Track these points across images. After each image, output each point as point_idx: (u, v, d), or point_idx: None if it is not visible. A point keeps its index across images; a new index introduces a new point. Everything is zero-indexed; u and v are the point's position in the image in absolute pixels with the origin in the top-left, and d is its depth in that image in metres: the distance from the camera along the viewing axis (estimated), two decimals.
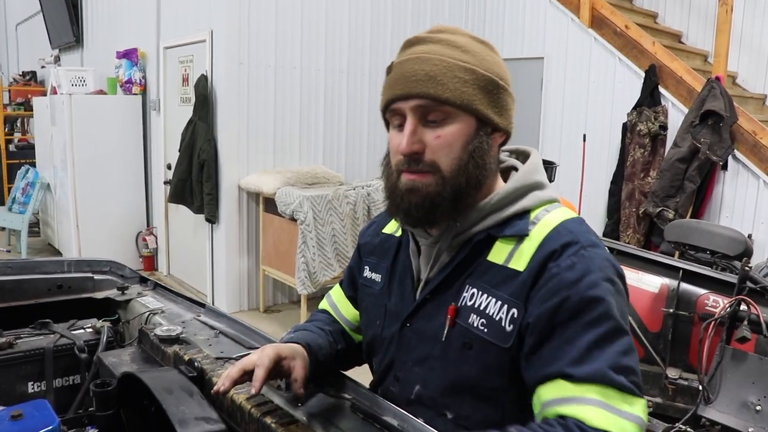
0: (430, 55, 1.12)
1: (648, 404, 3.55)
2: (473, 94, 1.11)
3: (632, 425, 0.95)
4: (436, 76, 1.09)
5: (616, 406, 0.96)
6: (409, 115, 1.12)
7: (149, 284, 2.15)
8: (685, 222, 3.98)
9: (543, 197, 1.18)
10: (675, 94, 5.02)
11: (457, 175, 1.12)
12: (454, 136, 1.11)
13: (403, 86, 1.12)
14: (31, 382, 1.71)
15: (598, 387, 0.97)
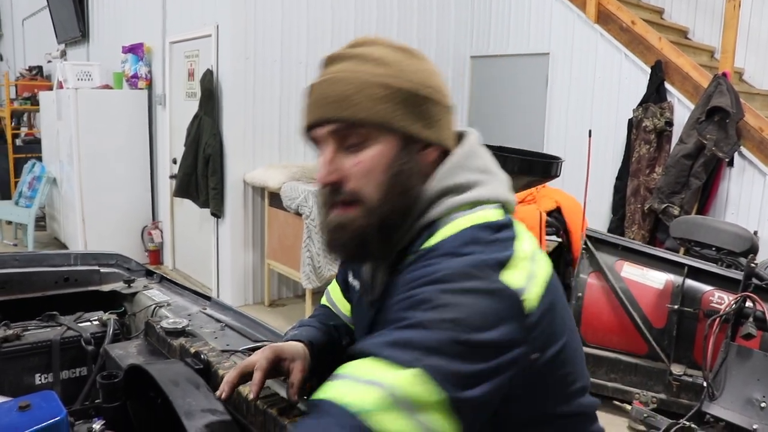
0: (343, 74, 1.03)
1: (652, 400, 3.56)
2: (391, 110, 1.01)
3: (365, 388, 0.80)
4: (348, 97, 1.00)
5: (362, 376, 0.82)
6: (326, 142, 1.04)
7: (155, 277, 2.16)
8: (690, 218, 3.98)
9: (453, 203, 1.04)
10: (681, 90, 5.01)
11: (381, 205, 1.02)
12: (374, 161, 1.02)
13: (317, 110, 1.04)
14: (38, 373, 1.73)
15: (362, 362, 0.84)
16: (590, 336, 3.79)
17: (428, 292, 0.90)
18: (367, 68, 1.02)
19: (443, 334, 0.84)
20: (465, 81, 6.70)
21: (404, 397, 0.78)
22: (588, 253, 3.86)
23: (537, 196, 4.57)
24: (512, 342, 0.90)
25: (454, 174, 1.06)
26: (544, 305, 0.95)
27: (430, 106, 1.05)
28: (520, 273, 0.94)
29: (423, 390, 0.79)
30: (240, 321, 1.67)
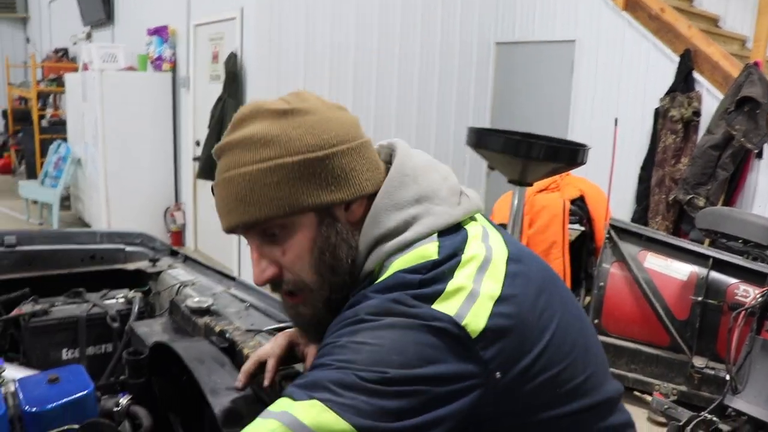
0: (232, 173, 0.97)
1: (673, 392, 3.53)
2: (292, 193, 0.95)
3: (266, 421, 0.81)
4: (244, 198, 0.95)
5: (270, 409, 0.84)
6: (247, 240, 1.01)
7: (180, 257, 2.18)
8: (717, 209, 3.93)
9: (385, 252, 0.98)
10: (710, 80, 4.93)
11: (321, 287, 1.00)
12: (298, 246, 0.99)
13: (224, 220, 1.00)
14: (65, 348, 1.75)
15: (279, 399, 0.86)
16: (611, 326, 3.77)
17: (342, 336, 0.88)
18: (253, 155, 0.96)
19: (351, 372, 0.82)
20: (489, 68, 6.64)
21: (302, 425, 0.79)
22: (611, 242, 3.82)
23: (561, 184, 4.53)
24: (454, 374, 0.86)
25: (381, 219, 0.99)
26: (499, 320, 0.90)
27: (333, 163, 0.97)
28: (455, 300, 0.89)
29: (323, 418, 0.79)
30: (264, 301, 1.67)
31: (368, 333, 0.86)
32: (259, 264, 1.01)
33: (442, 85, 6.32)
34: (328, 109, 1.02)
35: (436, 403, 0.84)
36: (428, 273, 0.91)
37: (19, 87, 10.73)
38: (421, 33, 6.06)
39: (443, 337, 0.86)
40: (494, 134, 2.81)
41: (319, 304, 1.01)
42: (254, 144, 0.96)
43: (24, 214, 7.67)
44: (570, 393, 0.99)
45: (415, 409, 0.83)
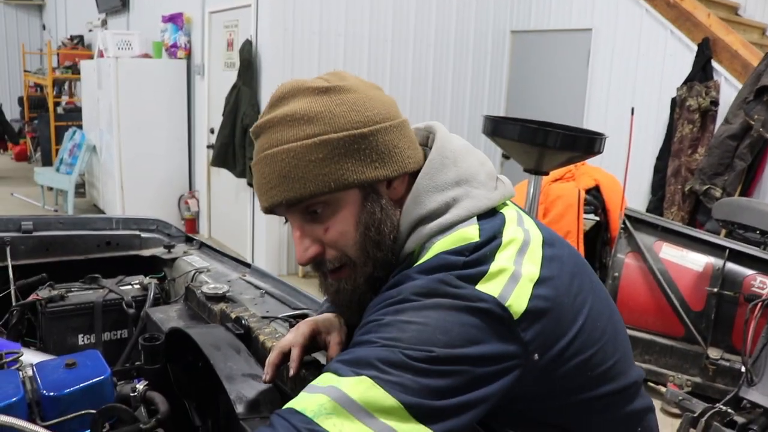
0: (275, 149, 0.96)
1: (687, 383, 3.52)
2: (337, 168, 0.95)
3: (313, 396, 0.82)
4: (288, 174, 0.95)
5: (315, 384, 0.84)
6: (290, 221, 1.02)
7: (195, 243, 2.19)
8: (734, 200, 3.89)
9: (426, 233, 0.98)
10: (729, 69, 4.87)
11: (364, 263, 1.00)
12: (342, 223, 0.99)
13: (265, 196, 0.99)
14: (81, 334, 1.76)
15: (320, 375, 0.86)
16: (626, 316, 3.71)
17: (387, 314, 0.88)
18: (297, 132, 0.96)
19: (398, 350, 0.83)
20: (504, 56, 6.59)
21: (351, 400, 0.79)
22: (626, 232, 3.80)
23: (576, 174, 4.51)
24: (497, 353, 0.87)
25: (423, 200, 1.00)
26: (539, 303, 0.91)
27: (377, 139, 0.98)
28: (498, 282, 0.90)
29: (372, 394, 0.79)
30: (279, 288, 1.68)
31: (414, 312, 0.87)
32: (302, 242, 1.01)
33: (457, 74, 6.29)
34: (367, 87, 1.03)
35: (479, 383, 0.85)
36: (471, 255, 0.92)
37: (34, 74, 10.79)
38: (435, 21, 6.02)
39: (487, 318, 0.87)
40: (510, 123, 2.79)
41: (361, 280, 1.01)
42: (297, 121, 0.96)
43: (39, 201, 7.73)
44: (600, 377, 1.01)
45: (459, 388, 0.83)
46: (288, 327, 1.40)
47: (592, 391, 1.02)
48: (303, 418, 0.78)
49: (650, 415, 1.14)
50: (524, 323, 0.89)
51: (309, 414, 0.78)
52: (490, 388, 0.87)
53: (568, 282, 0.98)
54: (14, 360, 1.26)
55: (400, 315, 0.87)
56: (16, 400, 1.06)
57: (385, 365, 0.81)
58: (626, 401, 1.09)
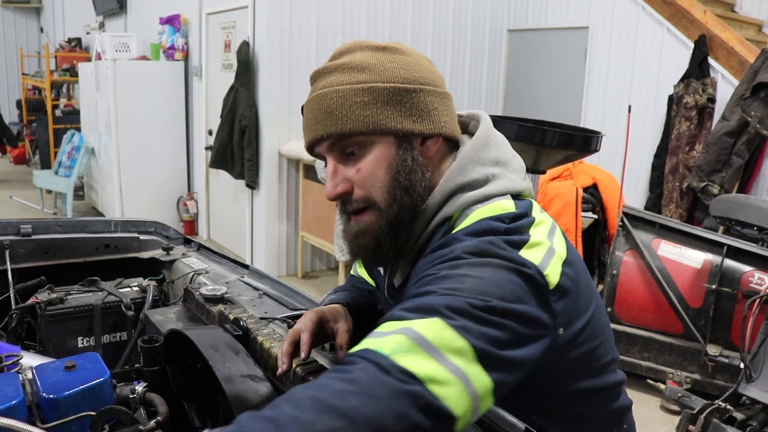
0: (326, 89, 1.05)
1: (686, 380, 3.53)
2: (378, 114, 1.03)
3: (388, 337, 0.83)
4: (334, 111, 1.03)
5: (386, 330, 0.86)
6: (327, 157, 1.08)
7: (193, 245, 2.19)
8: (732, 197, 3.90)
9: (467, 199, 1.05)
10: (725, 66, 4.87)
11: (390, 206, 1.06)
12: (374, 165, 1.05)
13: (310, 130, 1.07)
14: (80, 336, 1.77)
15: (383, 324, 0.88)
16: (624, 314, 3.76)
17: (443, 269, 0.93)
18: (349, 77, 1.04)
19: (461, 298, 0.87)
20: (502, 55, 6.60)
21: (426, 339, 0.82)
22: (624, 230, 3.81)
23: (574, 172, 4.51)
24: (538, 317, 0.92)
25: (467, 170, 1.07)
26: (566, 280, 0.98)
27: (419, 98, 1.06)
28: (538, 252, 0.97)
29: (444, 335, 0.83)
30: (277, 289, 1.68)
31: (469, 268, 0.92)
32: (333, 178, 1.07)
33: (455, 73, 6.30)
34: (421, 57, 1.12)
35: (525, 341, 0.90)
36: (511, 223, 1.00)
37: (32, 77, 10.79)
38: (433, 20, 6.03)
39: (529, 282, 0.93)
40: (507, 122, 2.79)
41: (384, 221, 1.06)
42: (352, 69, 1.05)
43: (38, 204, 7.74)
44: (601, 368, 1.09)
45: (511, 342, 0.88)
46: (287, 328, 1.40)
47: (593, 380, 1.08)
48: (380, 355, 0.80)
49: (630, 412, 1.22)
50: (555, 295, 0.96)
51: (386, 351, 0.81)
52: (531, 350, 0.92)
53: (583, 271, 1.06)
54: (14, 363, 1.26)
55: (456, 269, 0.92)
56: (16, 402, 1.07)
57: (450, 311, 0.85)
58: (616, 397, 1.16)
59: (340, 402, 0.74)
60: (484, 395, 0.84)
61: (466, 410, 0.81)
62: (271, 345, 1.31)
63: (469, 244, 0.96)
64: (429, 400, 0.78)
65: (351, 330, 1.21)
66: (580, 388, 1.07)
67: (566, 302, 0.98)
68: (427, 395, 0.78)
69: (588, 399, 1.10)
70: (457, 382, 0.81)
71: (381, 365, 0.79)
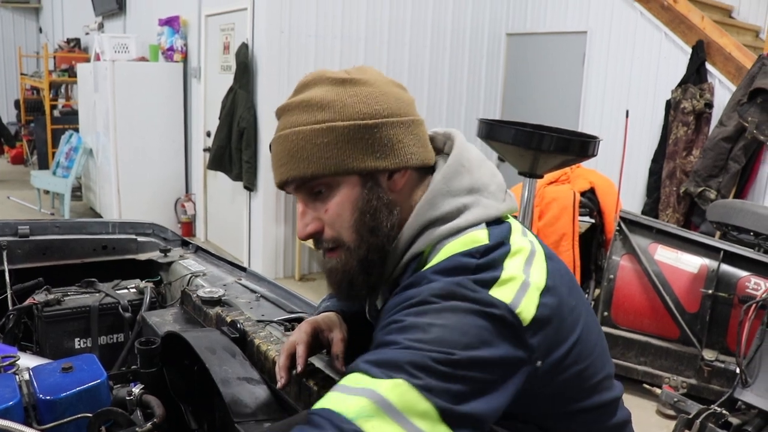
0: (287, 131, 1.05)
1: (682, 384, 3.53)
2: (340, 154, 1.02)
3: (351, 398, 0.83)
4: (295, 154, 1.03)
5: (348, 385, 0.86)
6: (296, 198, 1.09)
7: (191, 247, 2.19)
8: (729, 202, 3.91)
9: (438, 234, 1.03)
10: (723, 71, 4.89)
11: (358, 246, 1.05)
12: (339, 206, 1.04)
13: (275, 173, 1.08)
14: (77, 338, 1.77)
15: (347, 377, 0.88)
16: (621, 319, 3.76)
17: (409, 315, 0.91)
18: (308, 117, 1.03)
19: (424, 354, 0.85)
20: (500, 59, 6.61)
21: (390, 404, 0.81)
22: (621, 234, 3.82)
23: (571, 176, 4.52)
24: (508, 358, 0.90)
25: (437, 203, 1.05)
26: (544, 311, 0.95)
27: (381, 132, 1.03)
28: (510, 288, 0.93)
29: (408, 398, 0.82)
30: (275, 292, 1.68)
31: (434, 315, 0.90)
32: (303, 218, 1.08)
33: (453, 77, 6.30)
34: (385, 84, 1.08)
35: (493, 387, 0.89)
36: (482, 258, 0.96)
37: (31, 77, 10.78)
38: (431, 24, 6.04)
39: (499, 323, 0.90)
40: (505, 126, 2.80)
41: (354, 261, 1.05)
42: (311, 107, 1.03)
43: (36, 205, 7.73)
44: (592, 388, 1.07)
45: (477, 392, 0.87)
46: (283, 330, 1.41)
47: (585, 401, 1.06)
48: (344, 420, 0.80)
49: (629, 425, 1.19)
50: (531, 330, 0.93)
51: (350, 416, 0.80)
52: (502, 394, 0.90)
53: (567, 294, 1.02)
54: (11, 364, 1.26)
55: (421, 317, 0.90)
56: (13, 403, 1.07)
57: (414, 368, 0.84)
58: (612, 414, 1.14)
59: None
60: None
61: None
62: (268, 348, 1.31)
63: (437, 286, 0.93)
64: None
65: (346, 338, 1.21)
66: (574, 410, 1.06)
67: (545, 334, 0.95)
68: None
69: (583, 419, 1.09)
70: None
71: (344, 430, 0.79)
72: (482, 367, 0.88)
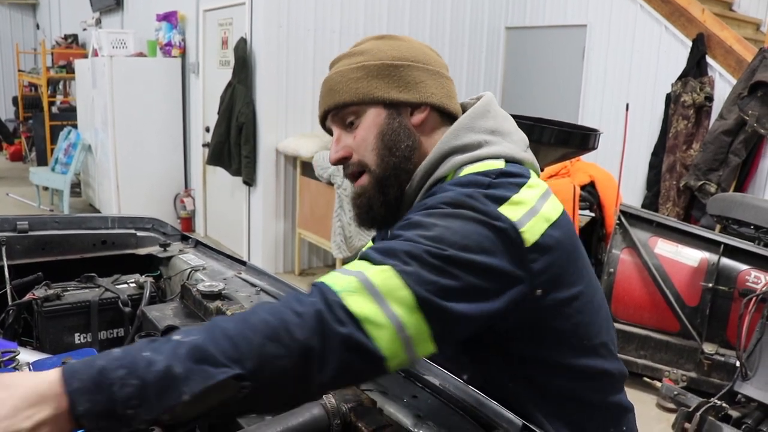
0: (334, 73, 1.21)
1: (682, 378, 3.53)
2: (368, 86, 1.16)
3: (342, 276, 0.92)
4: (333, 88, 1.19)
5: (347, 268, 0.95)
6: (332, 128, 1.22)
7: (190, 242, 2.18)
8: (729, 195, 3.91)
9: (460, 160, 1.13)
10: (723, 65, 4.88)
11: (381, 169, 1.16)
12: (366, 131, 1.17)
13: (319, 106, 1.24)
14: (77, 333, 1.76)
15: (356, 261, 0.99)
16: (621, 312, 3.76)
17: (417, 215, 1.01)
18: (350, 61, 1.19)
19: (420, 246, 0.94)
20: (499, 53, 6.60)
21: (373, 285, 0.90)
22: (621, 228, 3.81)
23: (571, 170, 4.52)
24: (505, 271, 0.97)
25: (460, 135, 1.15)
26: (549, 240, 1.01)
27: (406, 72, 1.17)
28: (518, 210, 1.00)
29: (390, 283, 0.90)
30: (275, 286, 1.68)
31: (439, 218, 0.98)
32: (336, 146, 1.20)
33: (452, 71, 6.17)
34: (420, 44, 1.24)
35: (482, 295, 0.95)
36: (496, 179, 1.05)
37: (29, 73, 10.75)
38: (430, 18, 6.03)
39: (502, 236, 0.98)
40: None
41: (373, 182, 1.16)
42: (354, 54, 1.21)
43: (35, 201, 7.72)
44: (592, 349, 1.12)
45: (464, 293, 0.93)
46: None
47: (583, 358, 1.11)
48: (331, 291, 0.89)
49: (632, 414, 1.24)
50: (534, 254, 0.99)
51: (336, 288, 0.90)
52: (490, 304, 0.96)
53: (576, 245, 1.11)
54: (11, 359, 1.26)
55: (428, 218, 0.99)
56: None
57: (407, 257, 0.92)
58: (610, 390, 1.18)
59: (286, 334, 0.84)
60: (420, 341, 0.91)
61: (395, 352, 0.89)
62: None
63: (449, 195, 1.02)
64: (359, 340, 0.87)
65: None
66: (569, 364, 1.10)
67: (548, 263, 1.01)
68: (357, 335, 0.87)
69: (578, 379, 1.12)
70: (390, 326, 0.88)
71: (328, 300, 0.88)
72: (475, 272, 0.94)
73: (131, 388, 0.77)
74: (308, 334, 0.85)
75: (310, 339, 0.84)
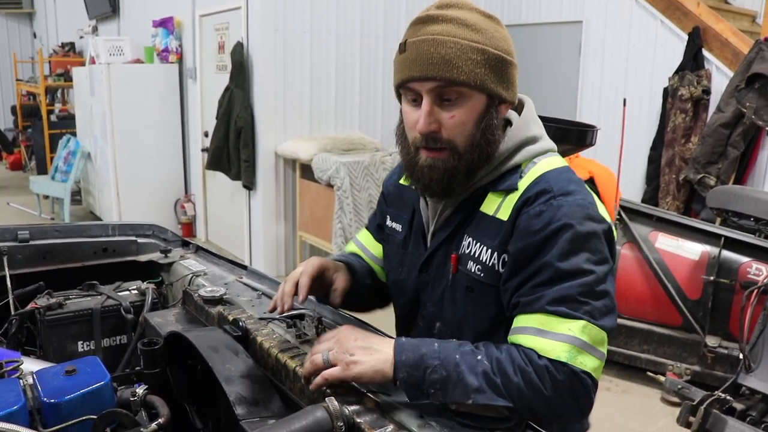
0: (444, 37, 1.16)
1: (686, 371, 3.53)
2: (485, 74, 1.17)
3: (557, 343, 1.08)
4: (451, 60, 1.15)
5: (549, 330, 1.10)
6: (425, 96, 1.19)
7: (191, 247, 2.19)
8: (728, 188, 3.90)
9: (533, 150, 1.26)
10: (720, 57, 4.87)
11: (471, 151, 1.21)
12: (467, 115, 1.19)
13: (421, 68, 1.17)
14: (80, 341, 1.77)
15: (539, 316, 1.11)
16: (623, 307, 3.76)
17: (561, 242, 1.12)
18: (466, 33, 1.17)
19: (583, 282, 1.10)
20: None
21: (585, 342, 1.09)
22: (622, 223, 3.81)
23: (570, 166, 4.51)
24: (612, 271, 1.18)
25: (529, 127, 1.28)
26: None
27: (510, 69, 1.23)
28: (601, 209, 1.20)
29: (593, 334, 1.10)
30: (276, 289, 1.67)
31: (579, 243, 1.13)
32: (429, 117, 1.19)
33: None
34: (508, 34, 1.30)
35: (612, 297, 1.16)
36: (574, 176, 1.23)
37: (27, 82, 10.76)
38: None
39: (609, 236, 1.19)
40: None
41: (463, 163, 1.21)
42: (467, 26, 1.18)
43: (36, 210, 7.72)
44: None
45: (609, 307, 1.14)
46: (285, 327, 1.41)
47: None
48: (563, 364, 1.07)
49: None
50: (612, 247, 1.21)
51: (565, 359, 1.07)
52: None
53: None
54: (15, 369, 1.26)
55: (572, 246, 1.13)
56: (18, 408, 1.07)
57: (583, 296, 1.10)
58: None
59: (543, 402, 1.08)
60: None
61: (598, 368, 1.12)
62: (271, 345, 1.31)
63: (572, 211, 1.14)
64: (590, 385, 1.09)
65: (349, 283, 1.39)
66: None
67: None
68: (587, 382, 1.09)
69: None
70: (601, 362, 1.12)
71: (566, 373, 1.07)
72: (608, 282, 1.15)
73: (439, 375, 1.07)
74: (560, 402, 1.08)
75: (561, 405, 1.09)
